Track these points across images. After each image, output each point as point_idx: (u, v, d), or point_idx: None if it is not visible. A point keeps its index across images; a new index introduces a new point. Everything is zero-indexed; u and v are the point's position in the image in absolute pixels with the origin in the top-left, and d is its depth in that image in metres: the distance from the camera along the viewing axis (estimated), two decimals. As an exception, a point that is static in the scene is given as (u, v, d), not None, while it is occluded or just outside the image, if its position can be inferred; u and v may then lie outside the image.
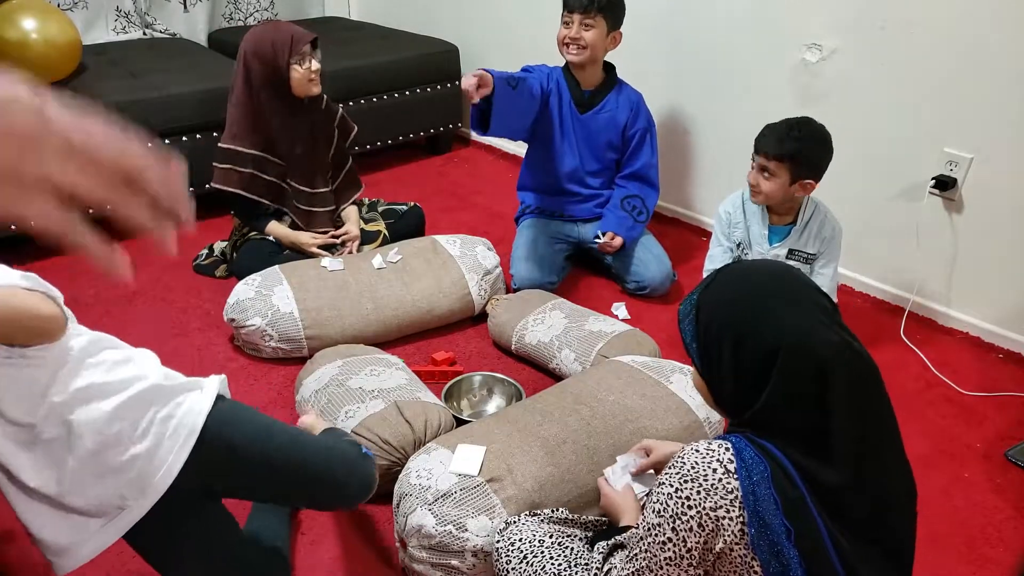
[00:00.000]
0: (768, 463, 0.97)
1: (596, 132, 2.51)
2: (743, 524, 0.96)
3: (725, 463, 0.97)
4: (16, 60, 2.66)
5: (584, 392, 1.71)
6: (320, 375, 1.85)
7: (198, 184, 2.83)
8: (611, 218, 2.51)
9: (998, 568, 1.57)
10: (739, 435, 1.01)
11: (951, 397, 2.07)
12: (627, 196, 2.54)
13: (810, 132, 1.95)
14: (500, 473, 1.47)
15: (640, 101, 2.54)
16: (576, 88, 2.48)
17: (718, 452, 0.98)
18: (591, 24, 2.33)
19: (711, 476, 0.97)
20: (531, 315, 2.16)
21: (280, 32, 2.36)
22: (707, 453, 0.99)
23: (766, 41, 2.53)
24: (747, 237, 2.13)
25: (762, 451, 0.98)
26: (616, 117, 2.50)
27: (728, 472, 0.96)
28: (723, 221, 2.16)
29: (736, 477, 0.96)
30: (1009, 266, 2.20)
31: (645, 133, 2.53)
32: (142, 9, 3.55)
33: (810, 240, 2.07)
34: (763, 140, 1.98)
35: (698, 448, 1.00)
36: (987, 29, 2.06)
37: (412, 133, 3.46)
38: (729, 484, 0.96)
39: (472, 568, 1.41)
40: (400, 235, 2.62)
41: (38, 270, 2.71)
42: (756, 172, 2.01)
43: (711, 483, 0.96)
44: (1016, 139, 2.09)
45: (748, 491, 0.95)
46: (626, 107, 2.51)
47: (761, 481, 0.95)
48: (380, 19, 4.01)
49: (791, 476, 0.96)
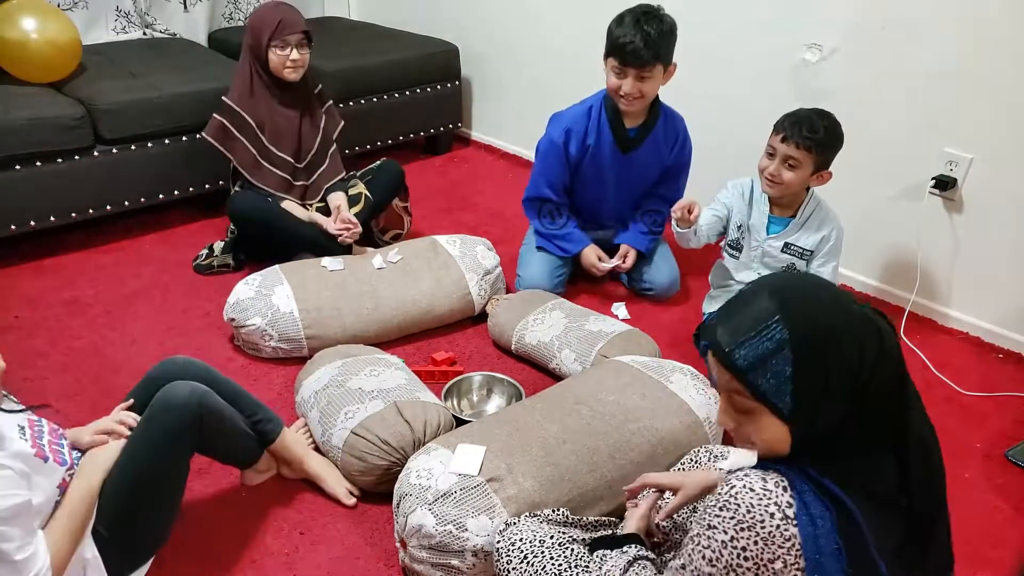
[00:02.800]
0: (833, 508, 0.90)
1: (637, 170, 2.41)
2: (799, 571, 0.90)
3: (784, 507, 0.90)
4: (16, 60, 2.66)
5: (584, 392, 1.71)
6: (320, 375, 1.85)
7: (199, 184, 2.84)
8: (632, 231, 2.48)
9: (998, 568, 1.57)
10: (796, 470, 0.93)
11: (951, 397, 2.07)
12: (649, 210, 2.48)
13: (833, 123, 1.95)
14: (500, 473, 1.47)
15: (683, 129, 2.41)
16: (620, 127, 2.33)
17: (775, 493, 0.91)
18: (648, 76, 2.17)
19: (768, 523, 0.90)
20: (531, 315, 2.16)
21: (273, 12, 2.43)
22: (763, 495, 0.91)
23: (766, 41, 2.53)
24: (747, 222, 2.12)
25: (824, 492, 0.91)
26: (660, 152, 2.39)
27: (787, 518, 0.89)
28: (728, 192, 2.14)
29: (795, 523, 0.89)
30: (1009, 266, 2.20)
31: (684, 165, 2.46)
32: (142, 9, 3.55)
33: (808, 236, 2.06)
34: (792, 128, 1.92)
35: (752, 486, 0.92)
36: (987, 29, 2.06)
37: (412, 133, 3.46)
38: (787, 531, 0.89)
39: (472, 568, 1.41)
40: (382, 193, 2.63)
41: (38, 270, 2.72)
42: (778, 163, 1.96)
43: (768, 531, 0.90)
44: (1016, 139, 2.09)
45: (809, 539, 0.89)
46: (671, 140, 2.39)
47: (824, 531, 0.89)
48: (380, 19, 4.01)
49: (857, 523, 0.90)
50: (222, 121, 2.48)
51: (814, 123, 1.92)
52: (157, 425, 1.39)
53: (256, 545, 1.57)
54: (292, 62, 2.43)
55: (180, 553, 1.54)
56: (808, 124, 1.92)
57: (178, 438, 1.40)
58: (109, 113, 2.60)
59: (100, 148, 2.62)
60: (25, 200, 2.49)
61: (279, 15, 2.42)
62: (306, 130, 2.59)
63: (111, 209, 2.68)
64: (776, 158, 1.96)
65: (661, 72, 2.19)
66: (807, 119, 1.93)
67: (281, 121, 2.53)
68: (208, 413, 1.44)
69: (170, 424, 1.39)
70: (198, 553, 1.54)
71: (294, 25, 2.42)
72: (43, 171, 2.51)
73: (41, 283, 2.47)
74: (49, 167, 2.52)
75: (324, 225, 2.48)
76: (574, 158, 2.36)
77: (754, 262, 2.12)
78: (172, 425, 1.39)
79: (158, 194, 2.77)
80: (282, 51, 2.41)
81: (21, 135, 2.43)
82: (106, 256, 2.65)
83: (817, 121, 1.92)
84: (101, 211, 2.66)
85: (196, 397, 1.42)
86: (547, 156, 2.38)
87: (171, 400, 1.40)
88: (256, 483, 1.72)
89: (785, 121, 1.96)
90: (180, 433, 1.40)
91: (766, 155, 2.00)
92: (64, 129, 2.51)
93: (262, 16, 2.44)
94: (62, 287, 2.46)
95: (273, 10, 2.44)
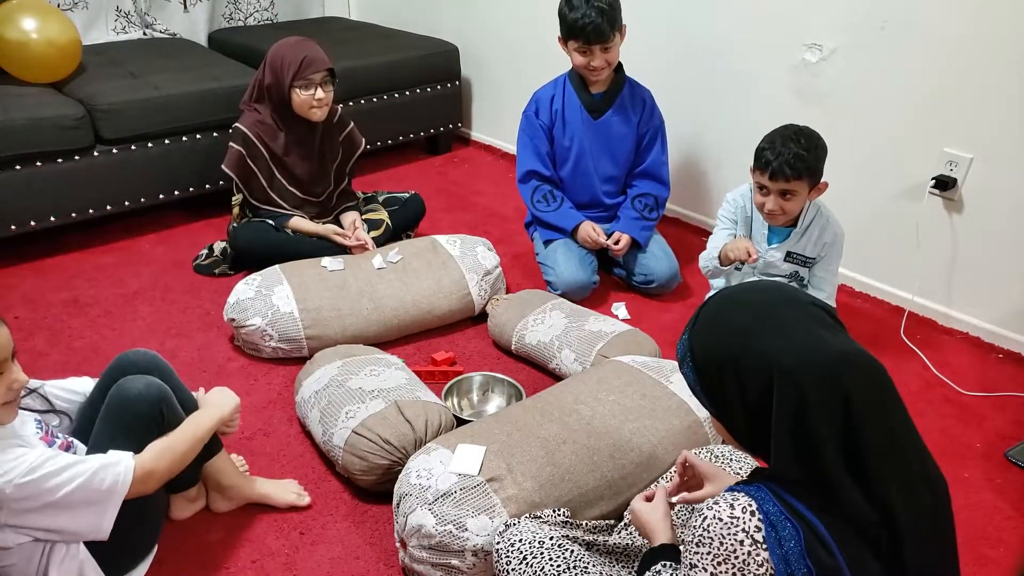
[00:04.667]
0: (801, 528, 0.91)
1: (611, 134, 2.50)
2: None
3: (752, 532, 0.92)
4: (16, 60, 2.66)
5: (584, 392, 1.71)
6: (320, 375, 1.85)
7: (199, 184, 2.84)
8: (623, 219, 2.52)
9: (998, 568, 1.57)
10: (765, 489, 0.95)
11: (951, 397, 2.07)
12: (638, 195, 2.54)
13: (810, 138, 1.90)
14: (500, 473, 1.47)
15: (650, 98, 2.53)
16: (586, 94, 2.47)
17: (742, 520, 0.92)
18: (610, 47, 2.32)
19: (739, 551, 0.91)
20: (531, 315, 2.16)
21: (296, 51, 2.35)
22: (731, 523, 0.92)
23: (766, 41, 2.53)
24: (749, 233, 2.12)
25: (791, 511, 0.92)
26: (629, 116, 2.49)
27: (756, 543, 0.91)
28: (730, 206, 2.13)
29: (765, 547, 0.91)
30: (1009, 266, 2.20)
31: (657, 131, 2.54)
32: (142, 9, 3.55)
33: (809, 244, 2.06)
34: (776, 166, 1.87)
35: (720, 515, 0.93)
36: (987, 29, 2.06)
37: (412, 133, 3.46)
38: (759, 556, 0.91)
39: (472, 568, 1.41)
40: (402, 224, 2.66)
41: (38, 270, 2.72)
42: (776, 197, 1.92)
43: (742, 560, 0.91)
44: (1016, 139, 2.09)
45: (780, 561, 0.90)
46: (639, 105, 2.50)
47: (793, 551, 0.90)
48: (380, 19, 4.01)
49: (826, 543, 0.91)
50: (240, 151, 2.44)
51: (795, 151, 1.86)
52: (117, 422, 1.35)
53: (256, 545, 1.57)
54: (318, 101, 2.37)
55: (180, 553, 1.54)
56: (790, 153, 1.86)
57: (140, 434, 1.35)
58: (109, 113, 2.60)
59: (100, 148, 2.62)
60: (25, 200, 2.50)
61: (302, 52, 2.34)
62: (321, 165, 2.56)
63: (111, 209, 2.68)
64: (771, 194, 1.93)
65: (619, 41, 2.35)
66: (787, 148, 1.87)
67: (296, 158, 2.50)
68: (168, 408, 1.40)
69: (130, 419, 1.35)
70: (198, 553, 1.54)
71: (319, 63, 2.35)
72: (43, 171, 2.51)
73: (41, 283, 2.47)
74: (49, 167, 2.52)
75: (334, 237, 2.46)
76: (545, 125, 2.49)
77: (756, 272, 2.12)
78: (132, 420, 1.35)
79: (158, 194, 2.77)
80: (306, 91, 2.35)
81: (21, 135, 2.43)
82: (106, 256, 2.65)
83: (796, 145, 1.87)
84: (101, 211, 2.67)
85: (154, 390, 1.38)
86: (524, 130, 2.56)
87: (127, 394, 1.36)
88: (184, 516, 1.59)
89: (764, 156, 1.89)
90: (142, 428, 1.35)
91: (758, 192, 1.97)
92: (64, 129, 2.51)
93: (283, 54, 2.36)
94: (62, 287, 2.46)
95: (295, 48, 2.36)
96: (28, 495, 1.18)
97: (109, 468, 1.25)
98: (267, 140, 2.45)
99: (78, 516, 1.23)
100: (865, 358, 0.95)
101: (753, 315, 0.99)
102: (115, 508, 1.25)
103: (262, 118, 2.45)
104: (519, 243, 2.79)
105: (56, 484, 1.20)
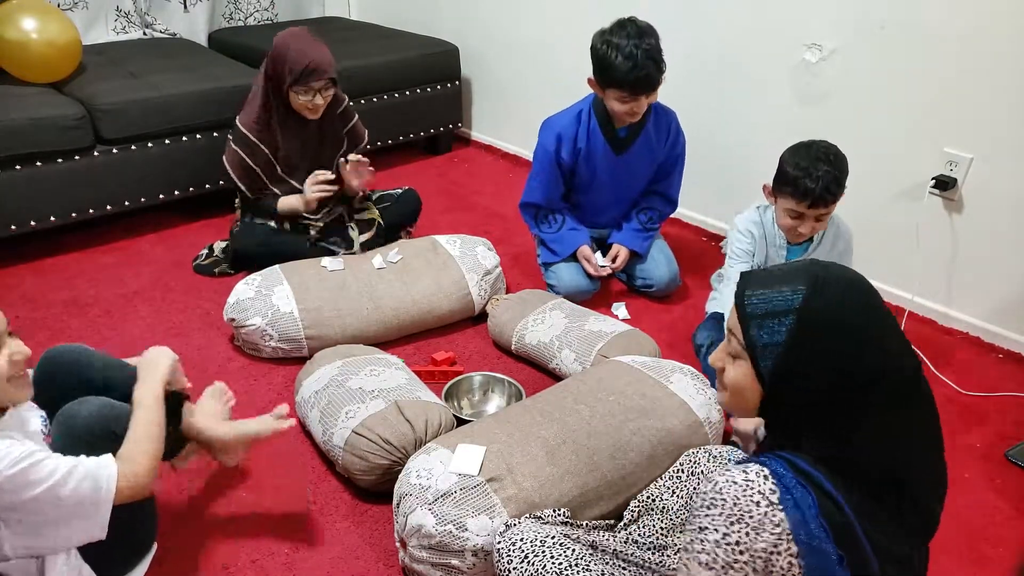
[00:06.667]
0: (814, 492, 0.92)
1: (633, 166, 2.40)
2: (792, 557, 0.91)
3: (767, 494, 0.92)
4: (16, 60, 2.66)
5: (584, 392, 1.71)
6: (320, 375, 1.85)
7: (199, 184, 2.84)
8: (624, 229, 2.48)
9: (998, 568, 1.57)
10: (775, 458, 0.96)
11: (951, 397, 2.07)
12: (644, 208, 2.49)
13: (837, 156, 1.86)
14: (500, 473, 1.47)
15: (675, 123, 2.40)
16: (611, 130, 2.31)
17: (758, 482, 0.92)
18: (652, 95, 2.20)
19: (755, 512, 0.91)
20: (531, 315, 2.16)
21: (302, 54, 2.29)
22: (746, 485, 0.93)
23: (766, 41, 2.53)
24: (764, 258, 2.08)
25: (804, 476, 0.93)
26: (653, 149, 2.37)
27: (772, 504, 0.91)
28: (745, 238, 2.06)
29: (781, 508, 0.91)
30: (1009, 266, 2.20)
31: (678, 157, 2.44)
32: (142, 9, 3.55)
33: (824, 253, 2.05)
34: (819, 194, 1.83)
35: (735, 479, 0.94)
36: (987, 29, 2.06)
37: (412, 133, 3.46)
38: (775, 517, 0.91)
39: (472, 568, 1.41)
40: (397, 219, 2.65)
41: (38, 270, 2.72)
42: (811, 222, 1.90)
43: (758, 520, 0.91)
44: (1016, 139, 2.09)
45: (797, 523, 0.90)
46: (663, 135, 2.37)
47: (811, 514, 0.91)
48: (380, 19, 4.02)
49: (837, 502, 0.92)
50: (237, 151, 2.44)
51: (831, 172, 1.83)
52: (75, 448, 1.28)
53: (256, 545, 1.57)
54: (314, 106, 2.36)
55: (180, 553, 1.54)
56: (828, 177, 1.82)
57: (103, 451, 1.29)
58: (109, 113, 2.60)
59: (100, 148, 2.62)
60: (25, 200, 2.50)
61: (308, 58, 2.27)
62: (322, 156, 2.55)
63: (111, 209, 2.68)
64: (806, 219, 1.90)
65: None
66: (819, 170, 1.82)
67: (296, 151, 2.48)
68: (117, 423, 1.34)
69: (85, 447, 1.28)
70: (198, 553, 1.54)
71: (323, 72, 2.30)
72: (43, 171, 2.51)
73: (41, 283, 2.47)
74: (49, 167, 2.52)
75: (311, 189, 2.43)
76: (567, 163, 2.36)
77: None
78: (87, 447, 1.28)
79: (158, 194, 2.77)
80: (304, 96, 2.33)
81: (21, 135, 2.43)
82: (106, 256, 2.65)
83: (828, 165, 1.83)
84: (101, 211, 2.67)
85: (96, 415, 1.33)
86: (542, 165, 2.38)
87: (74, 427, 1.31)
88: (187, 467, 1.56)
89: (802, 185, 1.84)
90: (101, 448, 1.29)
91: (787, 216, 1.92)
92: (64, 129, 2.51)
93: (287, 51, 2.29)
94: (62, 287, 2.46)
95: (302, 50, 2.29)
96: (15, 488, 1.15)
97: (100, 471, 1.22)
98: (266, 136, 2.44)
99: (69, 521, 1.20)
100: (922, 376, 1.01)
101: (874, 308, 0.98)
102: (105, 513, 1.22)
103: (259, 114, 2.42)
104: (519, 243, 2.79)
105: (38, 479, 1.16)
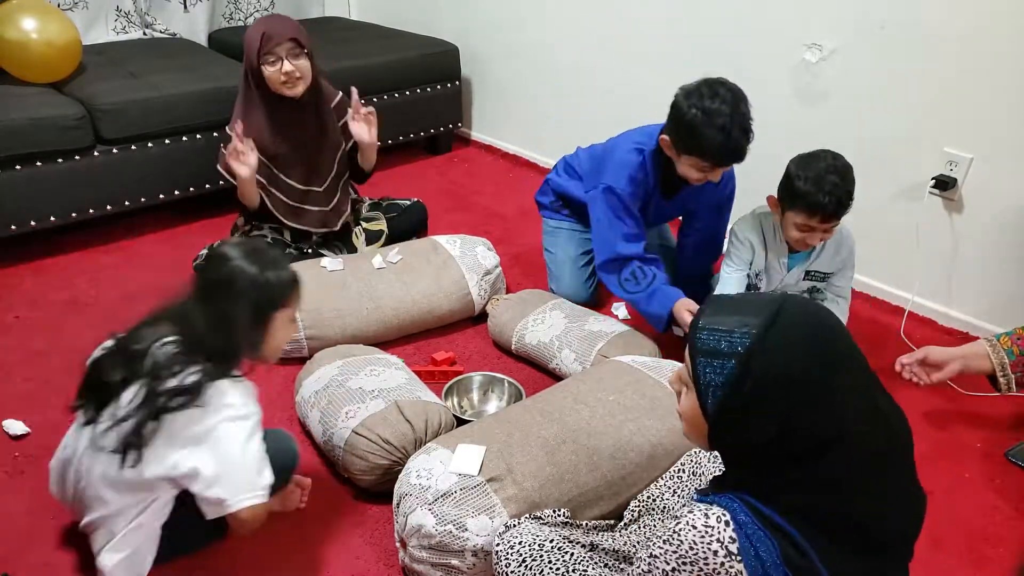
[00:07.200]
0: (775, 538, 0.90)
1: (678, 207, 2.31)
2: None
3: (726, 543, 0.90)
4: (16, 60, 2.66)
5: (584, 392, 1.71)
6: (320, 375, 1.85)
7: (199, 184, 2.84)
8: None
9: (998, 568, 1.57)
10: (737, 500, 0.93)
11: (951, 397, 2.06)
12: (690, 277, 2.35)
13: (844, 167, 1.84)
14: (500, 473, 1.47)
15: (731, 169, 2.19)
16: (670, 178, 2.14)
17: (717, 530, 0.90)
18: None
19: (712, 560, 0.89)
20: (531, 315, 2.16)
21: (258, 27, 2.26)
22: (705, 532, 0.90)
23: (766, 41, 2.53)
24: (764, 264, 2.07)
25: (765, 522, 0.91)
26: (705, 191, 2.20)
27: (731, 555, 0.89)
28: (744, 246, 2.05)
29: (740, 559, 0.89)
30: (1009, 266, 2.20)
31: (728, 199, 2.29)
32: (142, 9, 3.55)
33: (827, 260, 2.05)
34: (831, 209, 1.82)
35: (694, 523, 0.91)
36: (987, 29, 2.06)
37: (412, 133, 3.46)
38: (732, 568, 0.89)
39: (472, 568, 1.41)
40: (403, 231, 2.64)
41: (38, 270, 2.72)
42: (821, 234, 1.89)
43: (712, 567, 0.89)
44: (1016, 139, 2.09)
45: (757, 574, 0.88)
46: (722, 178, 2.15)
47: (771, 563, 0.89)
48: (380, 19, 4.01)
49: (801, 548, 0.90)
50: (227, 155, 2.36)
51: (841, 186, 1.81)
52: None
53: (256, 545, 1.57)
54: (286, 75, 2.25)
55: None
56: (839, 191, 1.80)
57: None
58: (109, 113, 2.60)
59: (100, 148, 2.63)
60: (25, 200, 2.50)
61: (263, 27, 2.23)
62: (319, 151, 2.46)
63: (111, 209, 2.68)
64: (815, 232, 1.89)
65: None
66: (829, 183, 1.80)
67: (288, 145, 2.40)
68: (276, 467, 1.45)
69: None
70: (198, 553, 1.54)
71: (280, 35, 2.21)
72: (43, 171, 2.51)
73: (41, 283, 2.47)
74: (49, 167, 2.52)
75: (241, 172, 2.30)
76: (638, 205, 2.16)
77: None
78: None
79: (158, 194, 2.77)
80: (272, 67, 2.24)
81: (21, 135, 2.43)
82: (106, 256, 2.65)
83: (836, 176, 1.81)
84: (101, 211, 2.67)
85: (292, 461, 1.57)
86: (615, 209, 2.11)
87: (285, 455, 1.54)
88: None
89: (814, 200, 1.81)
90: None
91: (797, 230, 1.90)
92: (64, 129, 2.51)
93: (249, 33, 2.27)
94: (62, 287, 2.46)
95: (258, 24, 2.27)
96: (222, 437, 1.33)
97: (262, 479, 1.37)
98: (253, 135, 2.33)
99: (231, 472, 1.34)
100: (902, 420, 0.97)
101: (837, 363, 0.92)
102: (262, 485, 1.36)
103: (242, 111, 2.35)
104: (519, 243, 2.79)
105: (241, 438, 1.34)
